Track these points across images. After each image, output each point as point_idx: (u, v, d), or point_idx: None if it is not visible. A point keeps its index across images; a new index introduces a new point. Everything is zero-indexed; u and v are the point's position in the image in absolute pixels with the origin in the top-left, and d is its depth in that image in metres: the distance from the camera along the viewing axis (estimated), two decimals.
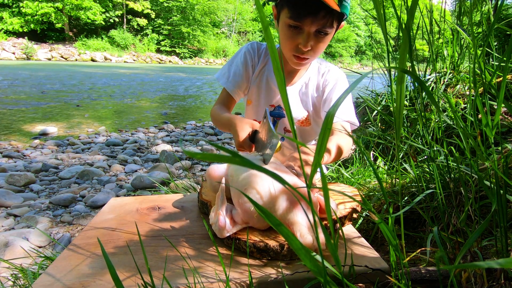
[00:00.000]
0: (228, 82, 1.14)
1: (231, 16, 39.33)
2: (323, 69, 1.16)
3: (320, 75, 1.16)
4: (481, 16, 1.19)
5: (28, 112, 5.75)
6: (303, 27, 0.93)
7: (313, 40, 0.96)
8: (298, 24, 0.93)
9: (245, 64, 1.15)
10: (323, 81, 1.14)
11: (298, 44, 0.96)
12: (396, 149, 0.49)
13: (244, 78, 1.15)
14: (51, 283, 0.58)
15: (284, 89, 0.32)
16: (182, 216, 0.86)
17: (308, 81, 1.16)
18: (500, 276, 0.52)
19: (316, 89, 1.16)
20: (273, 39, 0.30)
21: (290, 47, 0.99)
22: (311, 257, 0.33)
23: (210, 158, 0.24)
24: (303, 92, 1.17)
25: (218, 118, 1.07)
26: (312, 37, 0.95)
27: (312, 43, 0.96)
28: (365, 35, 44.83)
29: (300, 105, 1.17)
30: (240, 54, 1.17)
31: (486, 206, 0.77)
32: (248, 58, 1.16)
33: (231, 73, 1.15)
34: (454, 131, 1.24)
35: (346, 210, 0.75)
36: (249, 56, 1.16)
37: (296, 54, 0.99)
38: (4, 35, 25.24)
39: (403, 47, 0.36)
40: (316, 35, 0.95)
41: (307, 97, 1.17)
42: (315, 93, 1.16)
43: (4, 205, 2.30)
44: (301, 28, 0.94)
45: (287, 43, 0.99)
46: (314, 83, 1.16)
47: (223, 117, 1.03)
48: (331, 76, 1.14)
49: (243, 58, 1.16)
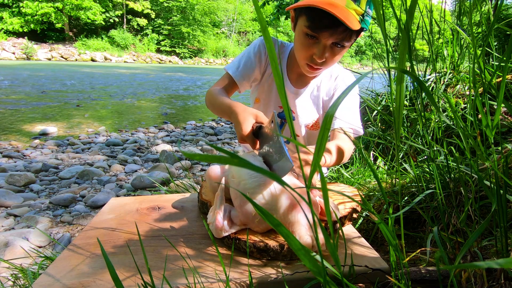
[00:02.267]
0: (237, 71, 1.08)
1: (231, 16, 39.32)
2: (335, 74, 1.14)
3: (332, 79, 1.13)
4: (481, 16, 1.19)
5: (28, 112, 5.75)
6: (320, 38, 0.90)
7: (329, 52, 0.93)
8: (316, 35, 0.90)
9: (259, 56, 1.10)
10: (334, 86, 1.12)
11: (312, 54, 0.94)
12: (396, 149, 0.49)
13: (256, 69, 1.10)
14: (51, 283, 0.58)
15: (283, 92, 0.32)
16: (182, 216, 0.86)
17: (320, 84, 1.13)
18: (500, 276, 0.52)
19: (327, 93, 1.14)
20: (271, 38, 0.30)
21: (304, 56, 0.96)
22: (310, 257, 0.33)
23: (209, 160, 0.23)
24: (315, 95, 1.14)
25: (217, 102, 0.99)
26: (328, 49, 0.92)
27: (328, 55, 0.93)
28: (365, 35, 44.70)
29: (312, 108, 1.16)
30: (254, 46, 1.12)
31: (486, 206, 0.77)
32: (262, 51, 1.10)
33: (241, 63, 1.09)
34: (454, 131, 1.24)
35: (346, 210, 0.75)
36: (263, 49, 1.11)
37: (309, 63, 0.97)
38: (4, 35, 25.24)
39: (402, 48, 0.36)
40: (332, 47, 0.92)
41: (318, 100, 1.15)
42: (326, 96, 1.14)
43: (4, 205, 2.30)
44: (317, 39, 0.91)
45: (302, 51, 0.96)
46: (326, 87, 1.14)
47: (223, 102, 0.95)
48: (342, 81, 1.12)
49: (257, 49, 1.10)
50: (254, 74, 1.10)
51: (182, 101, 8.22)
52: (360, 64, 44.98)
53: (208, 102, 1.06)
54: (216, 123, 5.86)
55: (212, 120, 6.09)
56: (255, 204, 0.31)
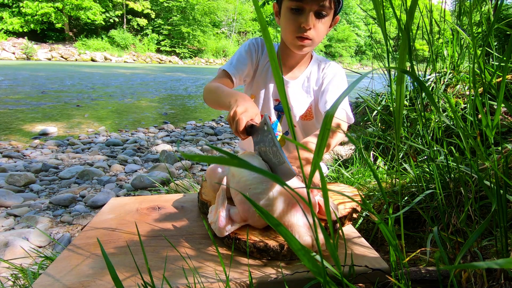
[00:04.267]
0: (231, 66, 1.16)
1: (231, 16, 39.31)
2: (322, 65, 1.22)
3: (320, 70, 1.21)
4: (481, 16, 1.19)
5: (28, 112, 5.75)
6: (304, 7, 1.00)
7: (314, 20, 1.02)
8: (300, 5, 1.00)
9: (249, 53, 1.18)
10: (322, 75, 1.19)
11: (300, 24, 1.02)
12: (396, 149, 0.49)
13: (248, 65, 1.18)
14: (51, 283, 0.58)
15: (283, 88, 0.32)
16: (182, 216, 0.86)
17: (310, 75, 1.20)
18: (500, 276, 0.52)
19: (316, 82, 1.20)
20: (272, 39, 0.30)
21: (292, 29, 1.04)
22: (310, 257, 0.33)
23: (208, 160, 0.23)
24: (306, 86, 1.21)
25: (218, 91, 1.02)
26: (313, 17, 1.01)
27: (314, 23, 1.02)
28: (365, 35, 44.82)
29: (304, 99, 1.21)
30: (245, 45, 1.21)
31: (486, 206, 0.77)
32: (252, 50, 1.19)
33: (234, 60, 1.18)
34: (454, 131, 1.24)
35: (346, 210, 0.75)
36: (253, 48, 1.20)
37: (298, 35, 1.04)
38: (4, 35, 25.24)
39: (402, 48, 0.36)
40: (317, 15, 1.02)
41: (309, 90, 1.21)
42: (315, 86, 1.20)
43: (4, 205, 2.30)
44: (302, 9, 1.01)
45: (290, 26, 1.04)
46: (315, 77, 1.21)
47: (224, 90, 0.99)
48: (330, 70, 1.19)
49: (247, 48, 1.19)
50: (247, 69, 1.18)
51: (182, 101, 8.21)
52: (360, 64, 44.98)
53: (206, 94, 1.10)
54: (216, 123, 5.85)
55: (212, 120, 6.09)
56: (255, 204, 0.31)
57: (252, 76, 1.23)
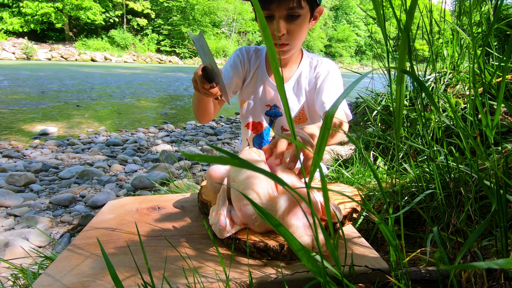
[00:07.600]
0: None
1: (231, 16, 39.31)
2: (314, 63, 1.17)
3: (312, 69, 1.17)
4: (481, 16, 1.19)
5: (28, 112, 5.75)
6: (273, 13, 0.95)
7: (287, 24, 0.97)
8: (268, 12, 0.95)
9: (235, 67, 1.18)
10: (316, 74, 1.15)
11: (273, 31, 0.98)
12: (396, 149, 0.49)
13: (234, 79, 1.17)
14: (51, 283, 0.58)
15: (283, 89, 0.32)
16: (182, 216, 0.86)
17: (300, 76, 1.17)
18: (500, 276, 0.52)
19: (309, 82, 1.17)
20: (271, 39, 0.30)
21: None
22: (310, 257, 0.33)
23: (209, 160, 0.23)
24: (296, 88, 1.18)
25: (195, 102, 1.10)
26: (284, 22, 0.97)
27: (287, 27, 0.98)
28: (365, 35, 44.81)
29: (295, 102, 1.19)
30: (230, 59, 1.21)
31: (486, 206, 0.77)
32: (237, 62, 1.19)
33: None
34: (454, 131, 1.24)
35: (346, 210, 0.75)
36: (238, 59, 1.19)
37: (274, 42, 1.02)
38: (4, 35, 25.25)
39: (402, 48, 0.36)
40: (289, 18, 0.97)
41: (300, 92, 1.17)
42: (308, 86, 1.17)
43: (4, 205, 2.30)
44: (272, 16, 0.96)
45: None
46: (307, 77, 1.17)
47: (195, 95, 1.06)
48: (323, 68, 1.15)
49: (232, 61, 1.19)
50: (234, 84, 1.17)
51: (182, 101, 8.21)
52: (360, 64, 44.99)
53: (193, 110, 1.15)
54: (216, 123, 5.86)
55: (212, 120, 6.10)
56: (255, 204, 0.31)
57: (241, 86, 1.22)
